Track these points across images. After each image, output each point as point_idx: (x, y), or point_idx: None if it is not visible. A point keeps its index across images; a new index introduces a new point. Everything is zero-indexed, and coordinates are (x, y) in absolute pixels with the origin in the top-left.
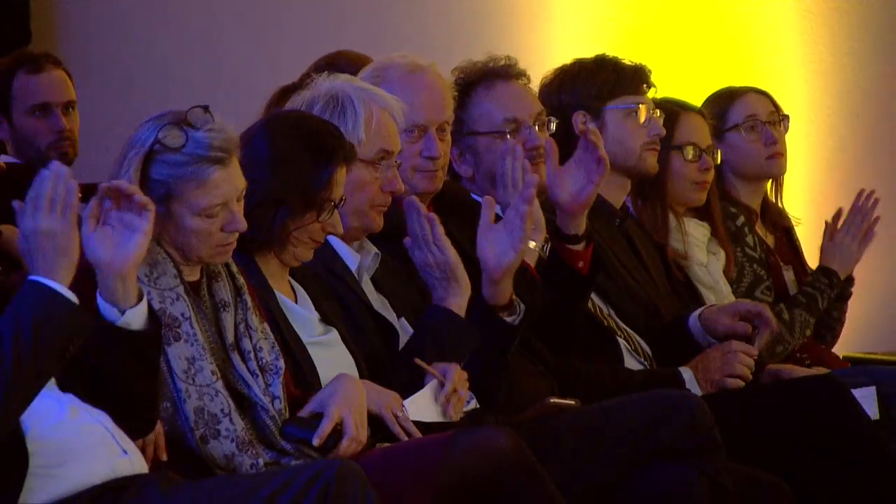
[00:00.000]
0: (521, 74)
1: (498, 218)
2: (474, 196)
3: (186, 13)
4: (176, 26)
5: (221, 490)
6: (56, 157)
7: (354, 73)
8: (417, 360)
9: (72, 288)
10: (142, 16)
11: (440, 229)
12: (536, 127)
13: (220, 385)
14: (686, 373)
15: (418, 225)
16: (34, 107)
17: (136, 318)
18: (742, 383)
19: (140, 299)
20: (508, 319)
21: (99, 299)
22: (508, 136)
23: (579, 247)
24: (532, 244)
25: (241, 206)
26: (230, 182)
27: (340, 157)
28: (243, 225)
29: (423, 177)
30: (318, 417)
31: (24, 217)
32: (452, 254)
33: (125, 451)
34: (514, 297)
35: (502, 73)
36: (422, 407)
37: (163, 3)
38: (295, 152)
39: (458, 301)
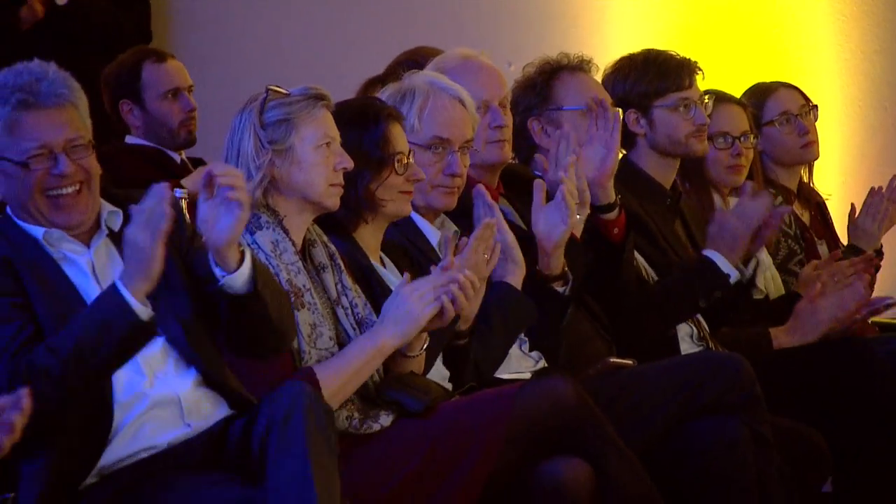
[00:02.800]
0: (593, 68)
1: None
2: (536, 172)
3: (283, 14)
4: (273, 26)
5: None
6: (185, 133)
7: None
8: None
9: None
10: (244, 17)
11: (500, 215)
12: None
13: (336, 349)
14: (715, 256)
15: (484, 210)
16: (166, 92)
17: (234, 282)
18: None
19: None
20: (560, 290)
21: (210, 259)
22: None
23: (611, 215)
24: (578, 217)
25: None
26: (333, 125)
27: (386, 116)
28: (350, 163)
29: (494, 147)
30: (412, 377)
31: (128, 223)
32: (510, 237)
33: (188, 425)
34: (565, 267)
35: (582, 65)
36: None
37: (262, 6)
38: (348, 127)
39: (515, 278)
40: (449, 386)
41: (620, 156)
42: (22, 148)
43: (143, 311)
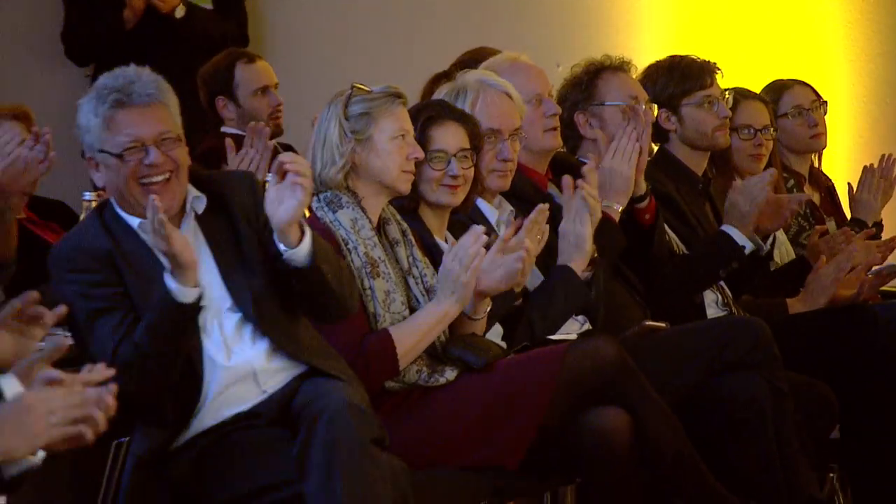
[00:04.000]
0: (632, 68)
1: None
2: (582, 159)
3: (358, 20)
4: (349, 30)
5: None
6: (273, 125)
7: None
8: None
9: None
10: (324, 23)
11: (588, 212)
12: (644, 106)
13: (407, 313)
14: (730, 230)
15: (576, 200)
16: (256, 90)
17: (296, 255)
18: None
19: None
20: (586, 274)
21: (274, 236)
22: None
23: (643, 204)
24: (616, 206)
25: None
26: (408, 119)
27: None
28: (421, 153)
29: (550, 135)
30: (474, 338)
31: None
32: (587, 230)
33: (265, 391)
34: (594, 254)
35: (623, 65)
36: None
37: (340, 15)
38: None
39: (577, 264)
40: (504, 344)
41: (657, 148)
42: (118, 142)
43: (188, 293)
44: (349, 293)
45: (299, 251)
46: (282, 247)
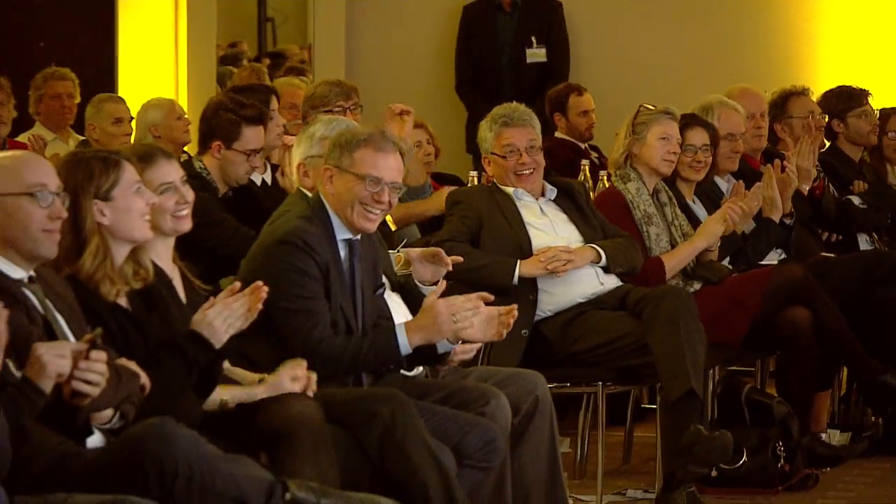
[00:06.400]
0: (810, 93)
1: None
2: (781, 152)
3: (651, 52)
4: (646, 61)
5: None
6: (587, 134)
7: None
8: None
9: None
10: (629, 57)
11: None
12: (819, 117)
13: (669, 248)
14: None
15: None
16: (579, 111)
17: None
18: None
19: None
20: (787, 222)
21: None
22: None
23: (816, 183)
24: (805, 185)
25: None
26: (674, 128)
27: None
28: (678, 149)
29: (758, 139)
30: (712, 262)
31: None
32: (776, 194)
33: (602, 283)
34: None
35: (804, 91)
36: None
37: (639, 52)
38: None
39: (775, 217)
40: (730, 267)
41: (828, 144)
42: (501, 144)
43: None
44: None
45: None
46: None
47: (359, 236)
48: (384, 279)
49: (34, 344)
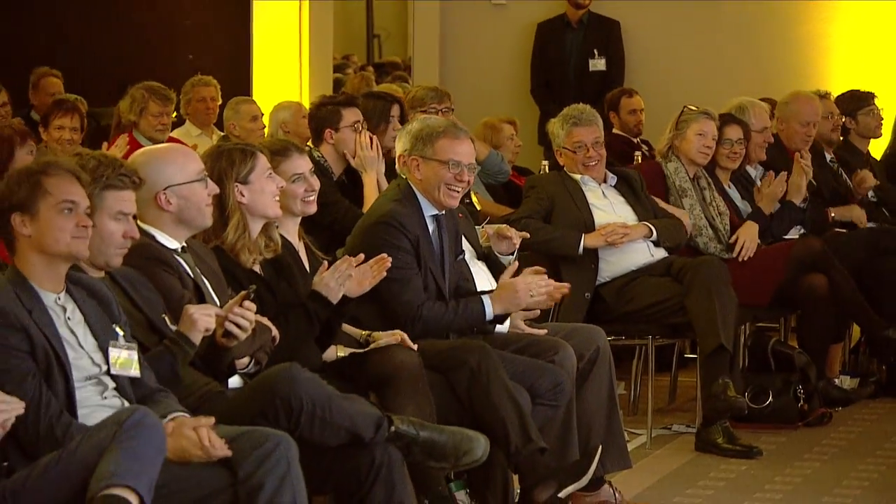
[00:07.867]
0: (831, 95)
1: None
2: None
3: (698, 57)
4: (691, 67)
5: None
6: (636, 130)
7: None
8: None
9: None
10: (677, 63)
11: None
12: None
13: (705, 223)
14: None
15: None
16: (630, 110)
17: None
18: None
19: None
20: (801, 205)
21: None
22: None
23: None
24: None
25: None
26: (712, 127)
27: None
28: (712, 144)
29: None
30: None
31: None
32: (803, 181)
33: (652, 255)
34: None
35: (820, 92)
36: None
37: (690, 60)
38: None
39: (796, 199)
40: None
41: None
42: (572, 141)
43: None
44: None
45: None
46: None
47: (444, 212)
48: (472, 248)
49: (186, 305)
